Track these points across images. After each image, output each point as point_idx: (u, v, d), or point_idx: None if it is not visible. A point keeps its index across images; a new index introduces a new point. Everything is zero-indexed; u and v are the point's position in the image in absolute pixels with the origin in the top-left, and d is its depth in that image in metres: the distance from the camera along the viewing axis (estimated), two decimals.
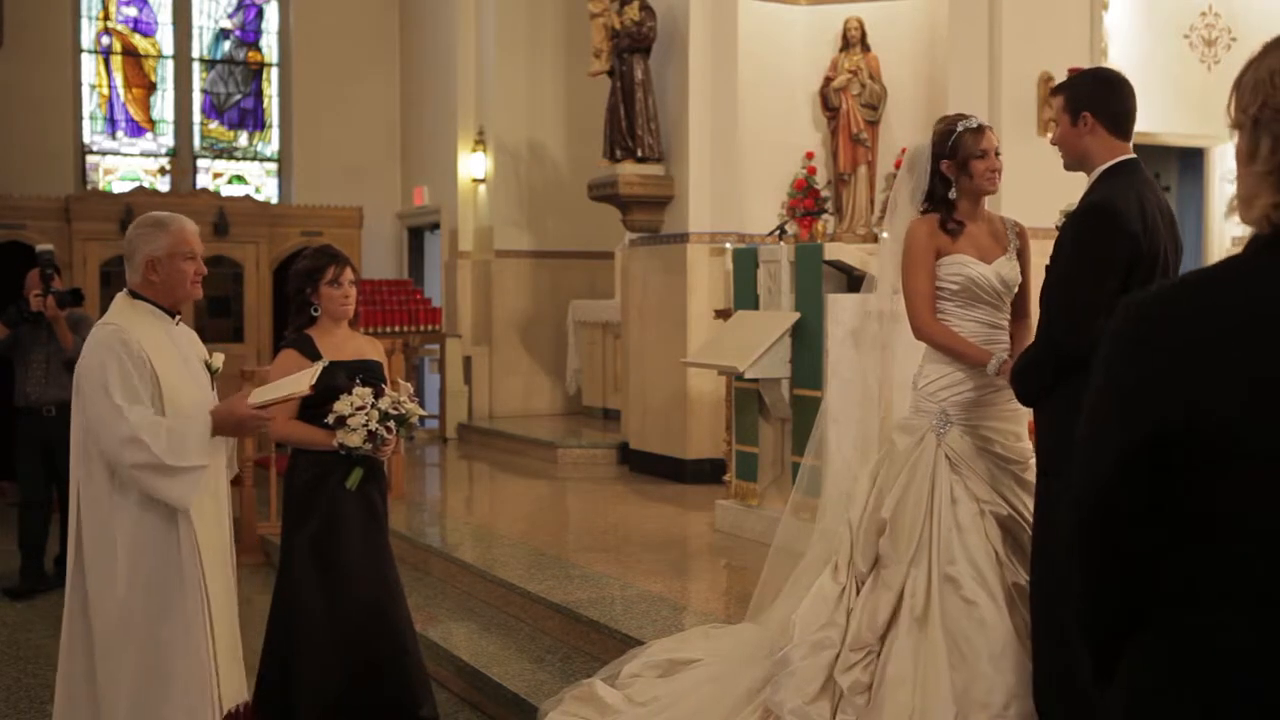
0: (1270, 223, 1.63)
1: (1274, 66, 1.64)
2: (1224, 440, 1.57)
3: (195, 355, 4.29)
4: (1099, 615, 1.75)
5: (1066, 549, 1.78)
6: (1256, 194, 1.63)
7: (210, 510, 4.05)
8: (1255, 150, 1.64)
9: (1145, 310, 1.66)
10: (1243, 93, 1.68)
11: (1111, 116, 3.76)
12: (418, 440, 12.77)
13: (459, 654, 5.91)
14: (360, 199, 14.82)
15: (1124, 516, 1.66)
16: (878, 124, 10.07)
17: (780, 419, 7.45)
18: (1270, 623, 1.57)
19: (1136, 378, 1.63)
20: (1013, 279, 4.17)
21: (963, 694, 3.85)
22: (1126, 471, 1.64)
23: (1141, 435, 1.61)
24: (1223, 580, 1.60)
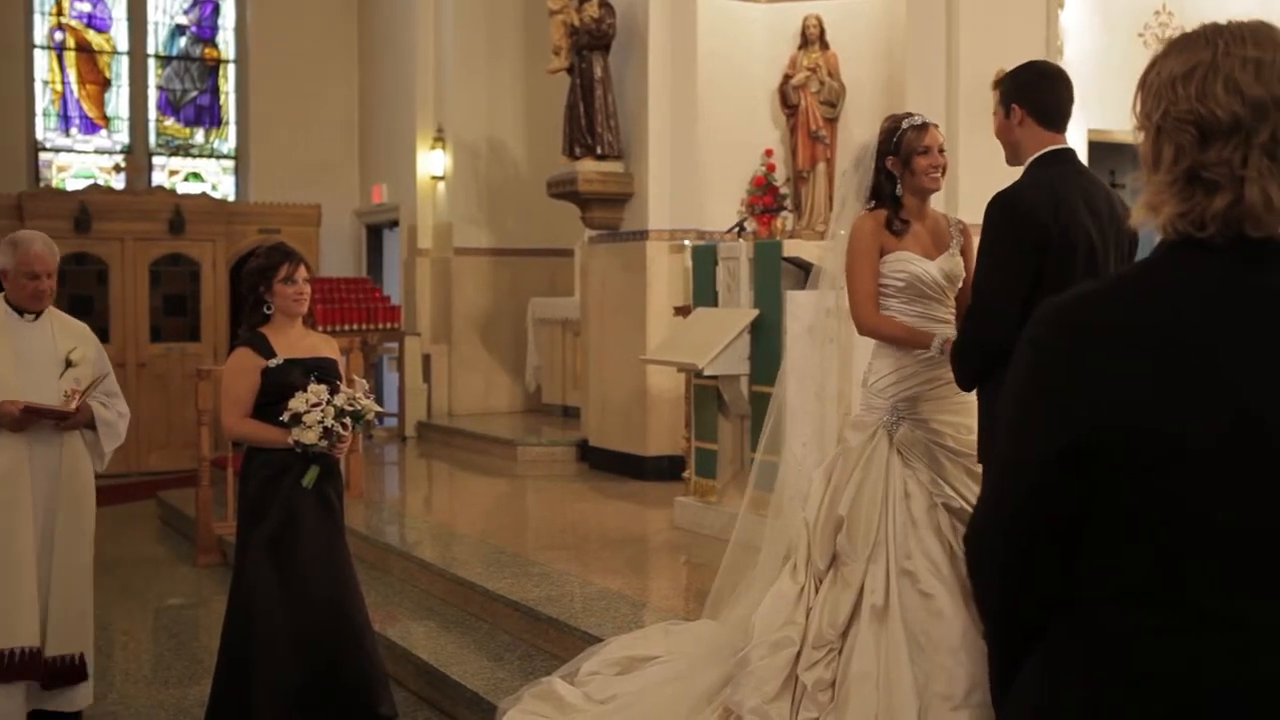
0: (1176, 231, 1.64)
1: (1176, 71, 1.63)
2: (1139, 446, 1.57)
3: (47, 350, 4.99)
4: (1011, 625, 1.75)
5: (980, 562, 1.77)
6: (1162, 202, 1.64)
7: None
8: (1159, 158, 1.64)
9: (1058, 317, 1.66)
10: (1146, 96, 1.68)
11: (1041, 109, 3.78)
12: (376, 439, 12.70)
13: (418, 653, 5.89)
14: (318, 197, 14.74)
15: (1045, 527, 1.66)
16: (836, 121, 10.10)
17: (739, 415, 7.46)
18: (1193, 622, 1.58)
19: (1054, 386, 1.63)
20: (956, 274, 4.21)
21: (924, 687, 3.86)
22: (1047, 482, 1.64)
23: (1062, 444, 1.61)
24: (1148, 583, 1.60)
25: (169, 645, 6.99)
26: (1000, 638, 1.79)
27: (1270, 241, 1.62)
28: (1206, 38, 1.63)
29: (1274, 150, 1.58)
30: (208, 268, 13.86)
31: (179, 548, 9.43)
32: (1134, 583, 1.61)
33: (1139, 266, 1.69)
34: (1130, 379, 1.57)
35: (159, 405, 12.90)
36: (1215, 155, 1.59)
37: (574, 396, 12.22)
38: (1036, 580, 1.70)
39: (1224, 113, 1.58)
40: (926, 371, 4.12)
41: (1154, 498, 1.58)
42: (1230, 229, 1.60)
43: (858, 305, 4.19)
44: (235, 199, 15.29)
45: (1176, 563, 1.58)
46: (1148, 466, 1.57)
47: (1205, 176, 1.59)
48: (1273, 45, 1.61)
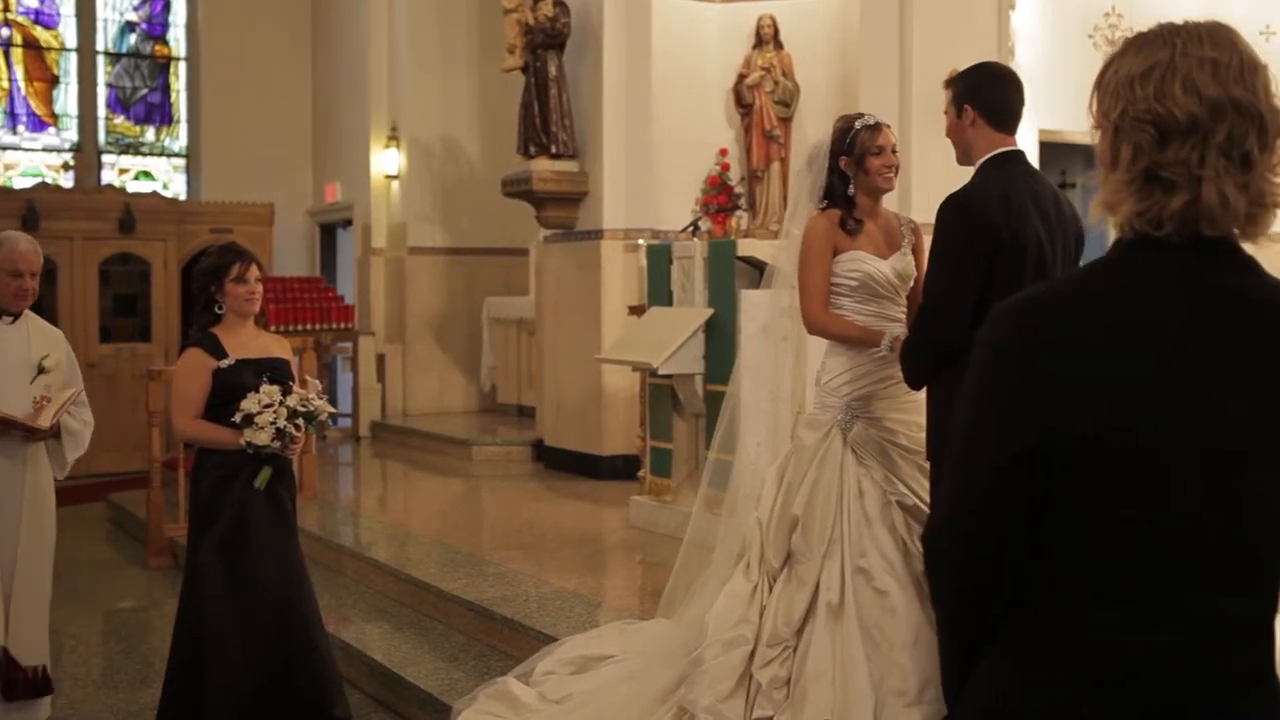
0: (1133, 229, 1.65)
1: (1133, 71, 1.64)
2: (1103, 447, 1.58)
3: (20, 354, 4.90)
4: (968, 626, 1.76)
5: (938, 563, 1.78)
6: (1119, 201, 1.65)
7: None
8: (1117, 157, 1.65)
9: (1016, 318, 1.66)
10: (1104, 95, 1.69)
11: (992, 110, 3.81)
12: (330, 439, 12.62)
13: (372, 654, 5.86)
14: (271, 195, 14.63)
15: (1002, 528, 1.66)
16: (791, 121, 10.13)
17: (694, 415, 7.47)
18: (1152, 619, 1.60)
19: (1011, 387, 1.63)
20: (908, 273, 4.23)
21: (879, 683, 3.88)
22: (1004, 484, 1.64)
23: (1019, 446, 1.62)
24: (1107, 581, 1.62)
25: (119, 649, 6.91)
26: (956, 638, 1.80)
27: (1225, 241, 1.63)
28: (1164, 38, 1.64)
29: (1230, 150, 1.59)
30: (159, 267, 13.73)
31: (129, 550, 9.34)
32: (1092, 581, 1.62)
33: (1095, 266, 1.70)
34: (1088, 380, 1.58)
35: (109, 406, 12.72)
36: (1173, 155, 1.60)
37: (529, 396, 12.20)
38: (993, 580, 1.70)
39: (1182, 112, 1.59)
40: (879, 370, 4.14)
41: (1112, 497, 1.59)
42: (1187, 228, 1.61)
43: (808, 304, 4.21)
44: (187, 198, 15.16)
45: (1135, 561, 1.59)
46: (1106, 466, 1.58)
47: (1163, 176, 1.60)
48: (1229, 46, 1.62)
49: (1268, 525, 1.63)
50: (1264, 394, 1.60)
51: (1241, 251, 1.66)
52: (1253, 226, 1.64)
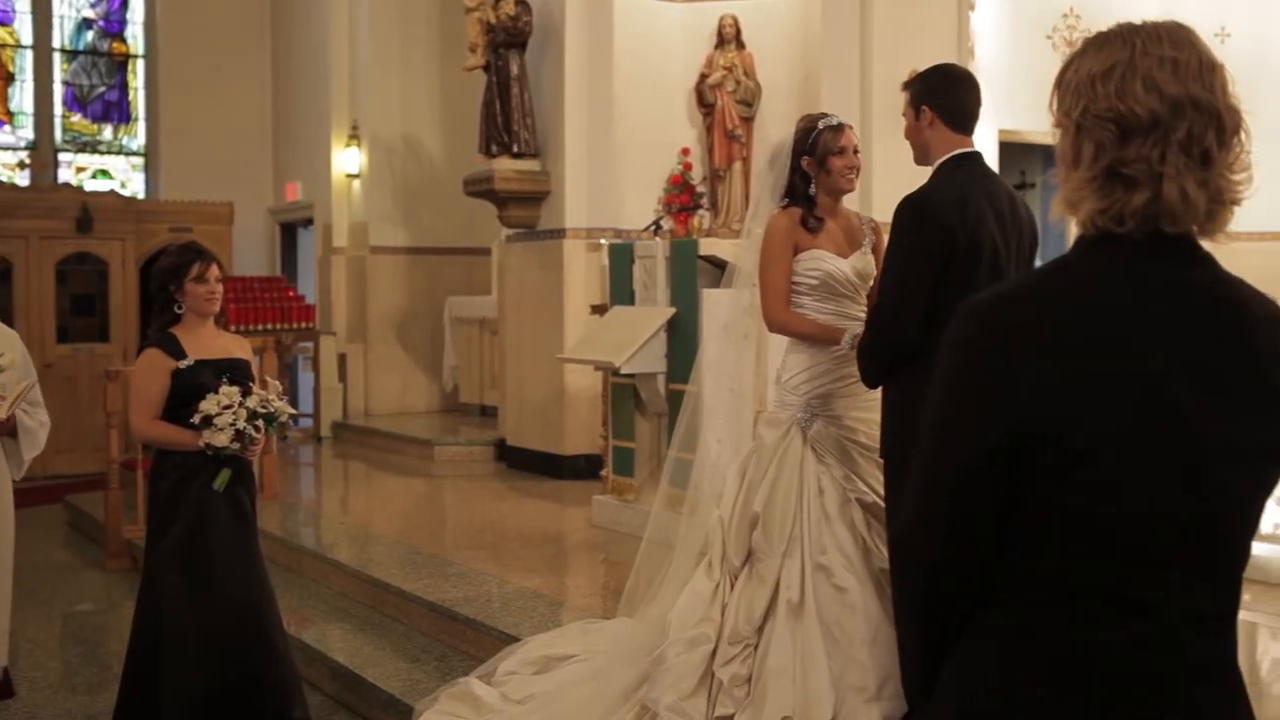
0: (1096, 227, 1.66)
1: (1095, 70, 1.66)
2: (1070, 442, 1.59)
3: None
4: (936, 626, 1.77)
5: (906, 563, 1.79)
6: (1082, 198, 1.66)
7: None
8: (1079, 155, 1.67)
9: (982, 316, 1.67)
10: (1065, 94, 1.70)
11: (949, 111, 3.84)
12: (291, 440, 12.56)
13: (333, 656, 5.83)
14: (231, 194, 14.53)
15: (972, 526, 1.67)
16: (752, 120, 10.15)
17: (656, 414, 7.48)
18: (1121, 611, 1.62)
19: (979, 385, 1.64)
20: (868, 272, 4.26)
21: (839, 679, 3.90)
22: (973, 482, 1.65)
23: (988, 443, 1.63)
24: (1077, 575, 1.63)
25: (77, 652, 6.85)
26: (925, 638, 1.80)
27: (1185, 238, 1.65)
28: (1124, 37, 1.66)
29: (1191, 148, 1.61)
30: (116, 266, 13.61)
31: (87, 552, 9.25)
32: (1062, 577, 1.63)
33: (1059, 264, 1.71)
34: (1055, 376, 1.59)
35: (66, 407, 12.61)
36: (1134, 152, 1.61)
37: (491, 396, 12.17)
38: (962, 579, 1.71)
39: (1143, 110, 1.61)
40: (839, 369, 4.17)
41: (1081, 492, 1.60)
42: (1148, 225, 1.63)
43: (769, 301, 4.23)
44: (145, 196, 15.03)
45: (1105, 554, 1.61)
46: (1074, 461, 1.60)
47: (1125, 173, 1.62)
48: (1188, 45, 1.64)
49: (1233, 519, 1.66)
50: (1226, 390, 1.62)
51: (1200, 248, 1.68)
52: (1211, 223, 1.66)
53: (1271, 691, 4.55)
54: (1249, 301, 1.68)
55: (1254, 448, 1.64)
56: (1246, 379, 1.64)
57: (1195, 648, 1.64)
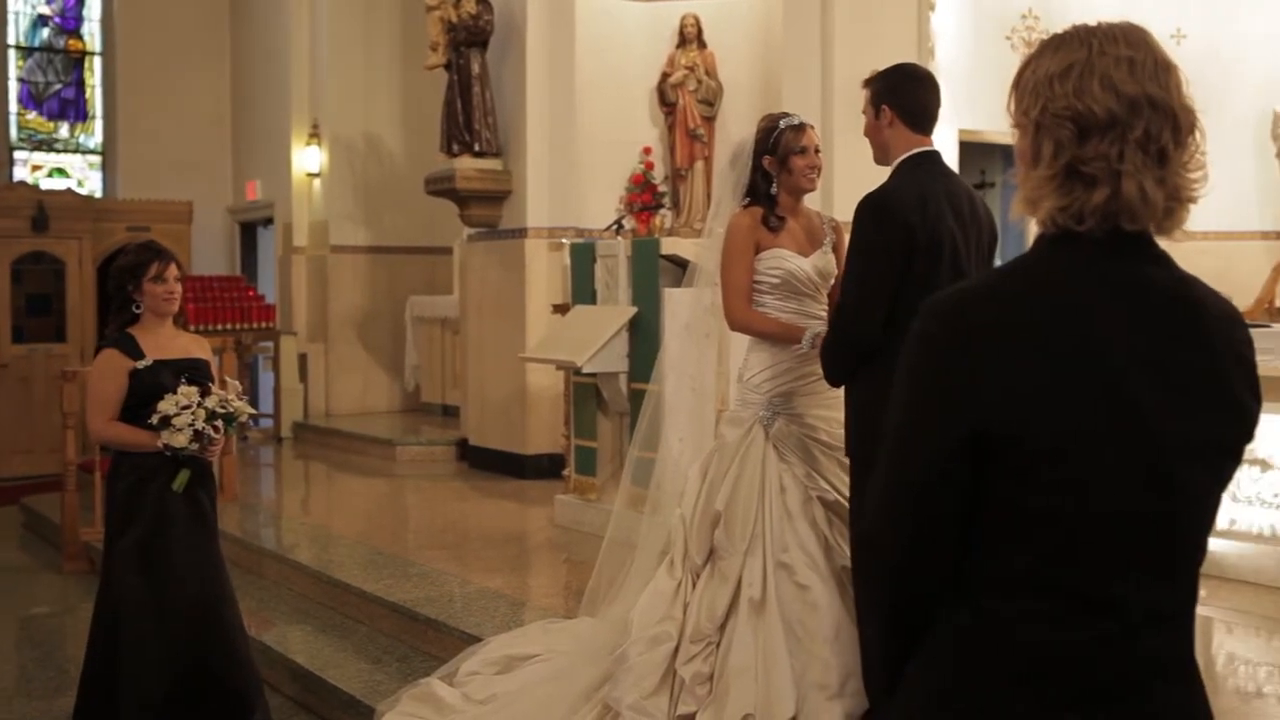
0: (1055, 224, 1.68)
1: (1052, 70, 1.67)
2: (1035, 439, 1.61)
3: None
4: (902, 623, 1.77)
5: (872, 561, 1.79)
6: (1042, 197, 1.68)
7: None
8: (1038, 154, 1.68)
9: (945, 314, 1.68)
10: (1023, 94, 1.72)
11: (909, 110, 3.86)
12: (252, 440, 12.47)
13: (294, 657, 5.80)
14: (190, 193, 14.41)
15: (937, 523, 1.68)
16: (714, 120, 10.16)
17: (618, 413, 7.48)
18: (1083, 608, 1.63)
19: (943, 384, 1.65)
20: (829, 271, 4.28)
21: (801, 677, 3.91)
22: (938, 479, 1.66)
23: (952, 441, 1.64)
24: (1039, 571, 1.64)
25: (33, 656, 6.78)
26: (889, 636, 1.81)
27: (1143, 235, 1.67)
28: (1081, 38, 1.68)
29: (1148, 146, 1.63)
30: (73, 266, 13.47)
31: (44, 555, 9.16)
32: (1025, 572, 1.64)
33: (1021, 262, 1.72)
34: (1016, 373, 1.61)
35: (22, 408, 12.50)
36: (1093, 150, 1.63)
37: (453, 395, 12.14)
38: (929, 576, 1.72)
39: (1101, 109, 1.63)
40: (801, 367, 4.18)
41: (1044, 488, 1.61)
42: (1107, 223, 1.64)
43: (730, 300, 4.24)
44: (102, 195, 14.88)
45: (1067, 552, 1.62)
46: (1037, 458, 1.61)
47: (1084, 171, 1.64)
48: (1144, 45, 1.66)
49: (1191, 516, 1.68)
50: (1184, 388, 1.64)
51: (1157, 246, 1.70)
52: (1169, 221, 1.68)
53: (1227, 685, 4.60)
54: (1205, 300, 1.70)
55: (1211, 445, 1.66)
56: (1203, 377, 1.66)
57: (1155, 644, 1.66)
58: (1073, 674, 1.62)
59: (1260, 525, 5.93)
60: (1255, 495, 5.95)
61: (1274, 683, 4.64)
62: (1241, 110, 10.85)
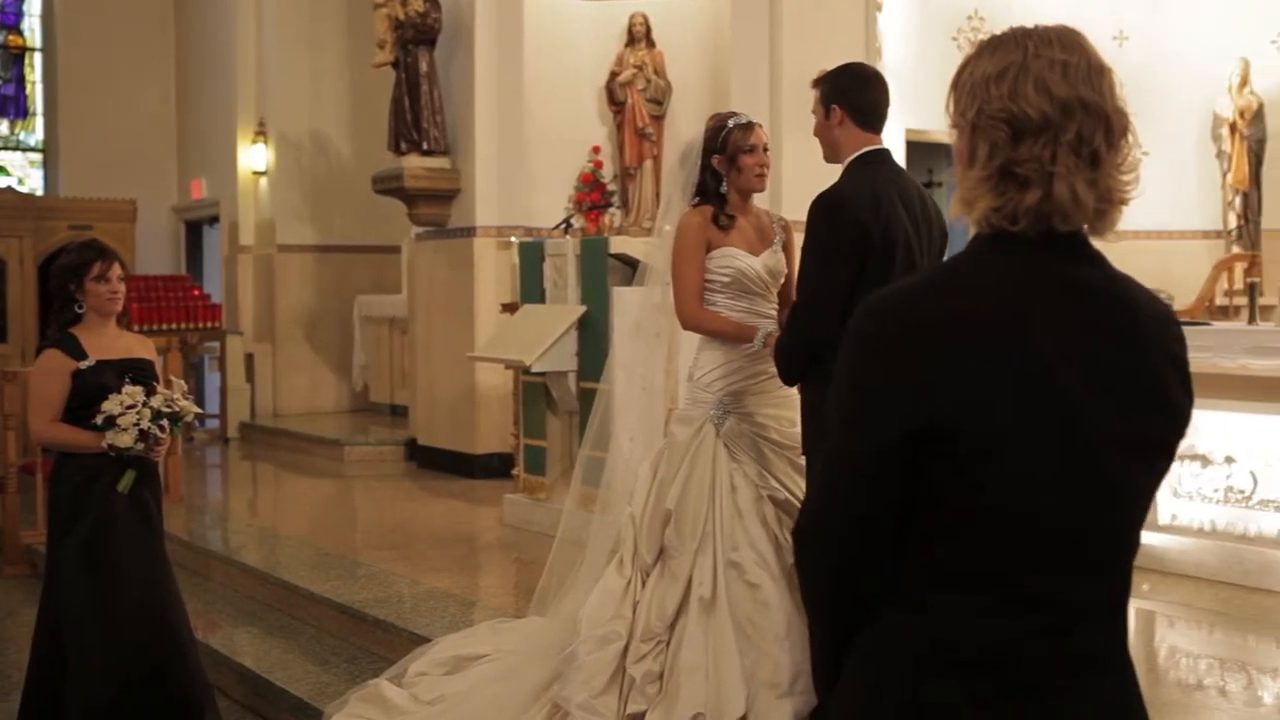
0: (990, 224, 1.70)
1: (989, 72, 1.70)
2: (969, 437, 1.62)
3: None
4: (841, 618, 1.79)
5: (811, 556, 1.81)
6: (977, 197, 1.70)
7: None
8: (974, 155, 1.71)
9: (882, 310, 1.70)
10: (960, 95, 1.74)
11: (859, 109, 3.89)
12: (198, 441, 12.36)
13: (241, 660, 5.75)
14: (133, 191, 14.25)
15: (874, 519, 1.70)
16: (663, 119, 10.18)
17: (568, 412, 7.47)
18: (1016, 603, 1.65)
19: (881, 379, 1.67)
20: (779, 270, 4.29)
21: (751, 675, 3.92)
22: (874, 474, 1.68)
23: (888, 437, 1.65)
24: (972, 567, 1.66)
25: None
26: (829, 630, 1.82)
27: (1077, 236, 1.70)
28: (1017, 40, 1.70)
29: (1080, 148, 1.65)
30: (14, 265, 13.28)
31: None
32: (959, 568, 1.67)
33: (955, 261, 1.75)
34: (951, 371, 1.62)
35: None
36: (1026, 152, 1.65)
37: (402, 395, 12.09)
38: (866, 571, 1.74)
39: (1035, 111, 1.65)
40: (751, 366, 4.19)
41: (977, 485, 1.63)
42: (1040, 223, 1.67)
43: (682, 299, 4.24)
44: (44, 193, 14.70)
45: (1001, 547, 1.64)
46: (970, 456, 1.63)
47: (1018, 172, 1.66)
48: (1078, 49, 1.69)
49: (1125, 511, 1.70)
50: (1117, 385, 1.66)
51: (1090, 246, 1.72)
52: (1100, 222, 1.70)
53: (1169, 678, 4.66)
54: (1139, 299, 1.73)
55: (1144, 442, 1.69)
56: (1137, 375, 1.68)
57: (1090, 637, 1.68)
58: (1006, 667, 1.65)
59: (1201, 520, 6.02)
60: (1196, 491, 6.03)
61: (1214, 675, 4.71)
62: (1182, 111, 11.00)
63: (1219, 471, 5.98)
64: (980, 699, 1.64)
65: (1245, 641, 5.22)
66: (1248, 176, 10.98)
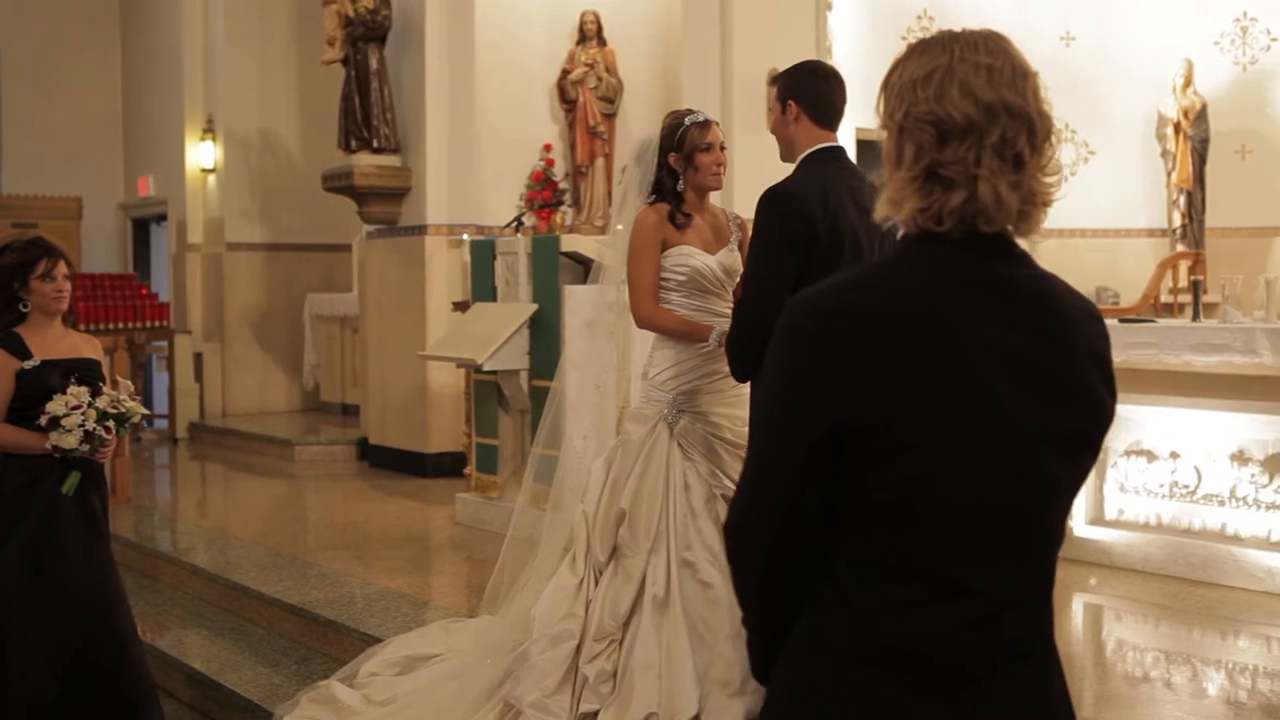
0: (917, 225, 1.73)
1: (916, 74, 1.72)
2: (894, 431, 1.65)
3: None
4: (773, 610, 1.81)
5: (741, 547, 1.82)
6: (904, 198, 1.73)
7: None
8: (901, 156, 1.73)
9: (811, 306, 1.72)
10: (889, 97, 1.77)
11: (815, 106, 3.90)
12: (146, 441, 12.23)
13: (190, 662, 5.70)
14: (79, 188, 14.08)
15: (802, 511, 1.72)
16: (615, 117, 10.20)
17: (520, 410, 7.46)
18: (942, 593, 1.68)
19: (809, 372, 1.69)
20: (735, 268, 4.30)
21: (704, 674, 3.93)
22: (801, 470, 1.70)
23: (815, 430, 1.67)
24: (899, 558, 1.68)
25: None
26: (762, 622, 1.85)
27: (1001, 236, 1.73)
28: (943, 44, 1.73)
29: (1003, 151, 1.68)
30: None
31: None
32: (885, 559, 1.69)
33: (886, 259, 1.78)
34: (876, 366, 1.65)
35: None
36: (951, 154, 1.68)
37: (353, 394, 12.03)
38: (796, 562, 1.76)
39: (959, 114, 1.68)
40: (706, 365, 4.19)
41: (902, 478, 1.66)
42: (965, 224, 1.70)
43: (637, 298, 4.23)
44: None
45: (925, 539, 1.67)
46: (897, 450, 1.65)
47: (943, 174, 1.69)
48: (1003, 53, 1.72)
49: (1049, 505, 1.73)
50: (1042, 382, 1.69)
51: (1015, 245, 1.75)
52: (1025, 223, 1.73)
53: (1116, 671, 4.71)
54: (1062, 297, 1.76)
55: (1068, 437, 1.72)
56: (1059, 372, 1.71)
57: (1016, 627, 1.71)
58: (934, 657, 1.67)
59: (1147, 515, 6.09)
60: (1142, 486, 6.11)
61: (1160, 668, 4.77)
62: (1128, 111, 11.13)
63: (1164, 467, 6.06)
64: (909, 689, 1.67)
65: (1190, 634, 5.29)
66: (1191, 176, 11.11)
